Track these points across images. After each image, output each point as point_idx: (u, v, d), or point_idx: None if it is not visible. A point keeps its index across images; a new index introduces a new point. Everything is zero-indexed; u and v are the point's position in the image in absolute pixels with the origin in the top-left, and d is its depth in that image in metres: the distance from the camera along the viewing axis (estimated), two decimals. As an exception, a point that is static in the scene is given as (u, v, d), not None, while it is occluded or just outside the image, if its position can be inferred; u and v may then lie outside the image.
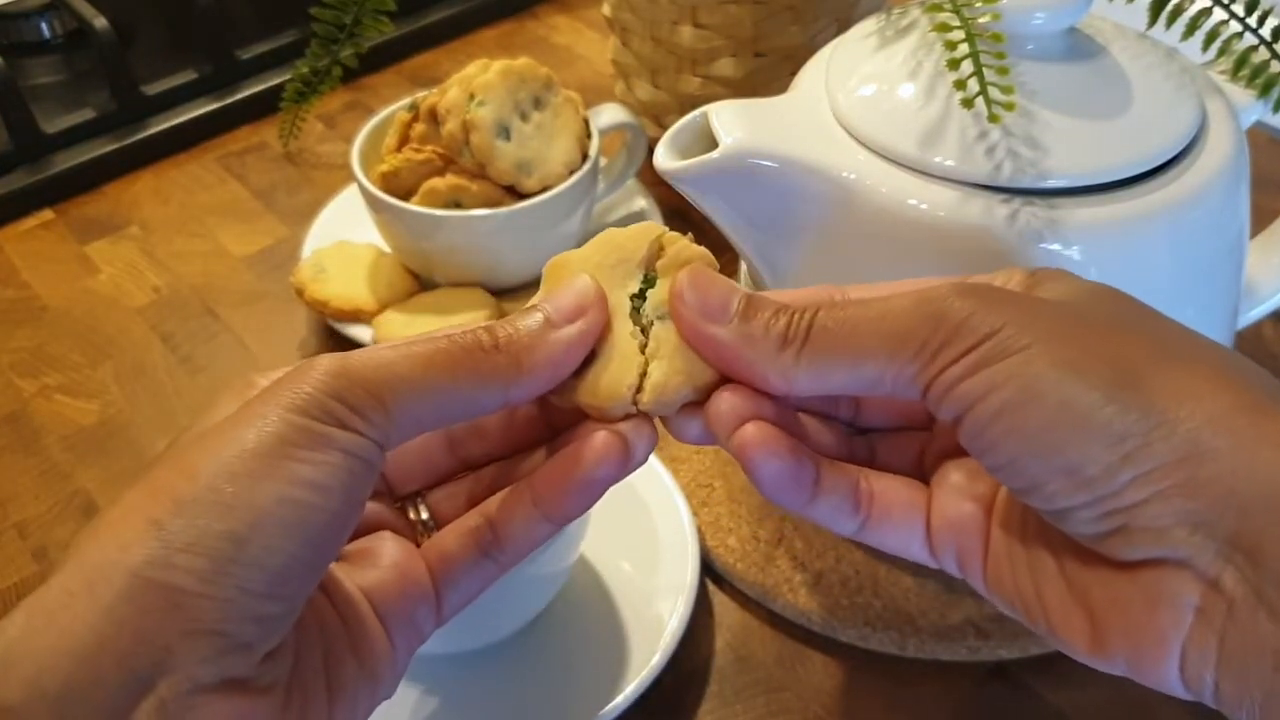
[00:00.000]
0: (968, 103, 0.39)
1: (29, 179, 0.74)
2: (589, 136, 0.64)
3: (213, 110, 0.80)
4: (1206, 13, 0.46)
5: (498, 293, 0.63)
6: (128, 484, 0.26)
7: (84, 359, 0.64)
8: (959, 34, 0.41)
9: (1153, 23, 0.47)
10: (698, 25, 0.66)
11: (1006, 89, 0.39)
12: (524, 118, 0.61)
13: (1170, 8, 0.47)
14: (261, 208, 0.75)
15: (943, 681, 0.47)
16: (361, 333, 0.61)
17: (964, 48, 0.40)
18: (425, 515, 0.33)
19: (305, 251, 0.66)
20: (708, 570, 0.51)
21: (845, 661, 0.48)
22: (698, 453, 0.55)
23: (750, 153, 0.40)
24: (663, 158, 0.42)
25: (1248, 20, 0.46)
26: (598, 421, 0.31)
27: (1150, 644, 0.26)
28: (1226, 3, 0.46)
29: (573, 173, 0.62)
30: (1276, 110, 0.45)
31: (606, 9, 0.71)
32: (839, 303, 0.29)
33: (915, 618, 0.47)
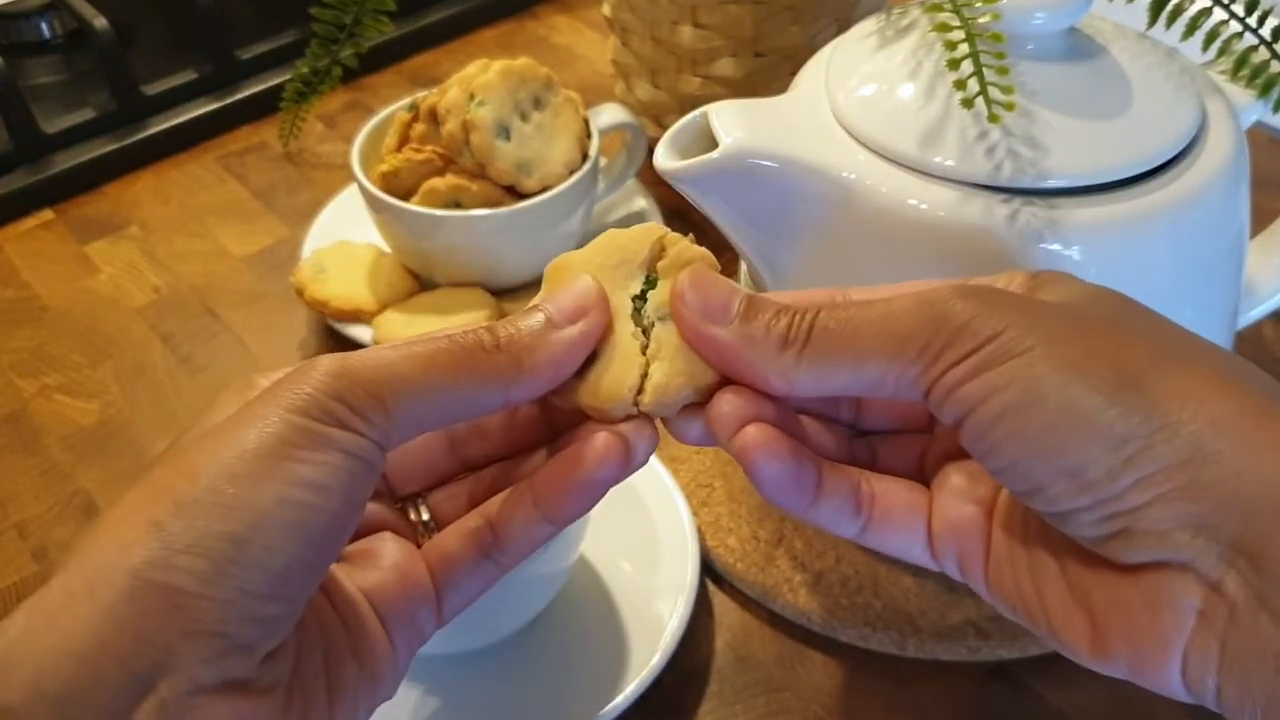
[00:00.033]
0: (968, 103, 0.39)
1: (29, 179, 0.74)
2: (589, 136, 0.64)
3: (213, 110, 0.80)
4: (1206, 13, 0.46)
5: (498, 293, 0.63)
6: (128, 484, 0.26)
7: (84, 359, 0.64)
8: (959, 34, 0.41)
9: (1153, 23, 0.47)
10: (698, 25, 0.66)
11: (1006, 89, 0.39)
12: (524, 118, 0.61)
13: (1170, 8, 0.47)
14: (261, 208, 0.75)
15: (943, 681, 0.47)
16: (361, 333, 0.61)
17: (964, 48, 0.40)
18: (426, 516, 0.33)
19: (305, 251, 0.66)
20: (708, 570, 0.51)
21: (845, 661, 0.48)
22: (698, 453, 0.55)
23: (750, 153, 0.40)
24: (663, 158, 0.42)
25: (1248, 20, 0.46)
26: (598, 422, 0.31)
27: (1152, 647, 0.26)
28: (1226, 3, 0.46)
29: (573, 173, 0.62)
30: (1276, 110, 0.45)
31: (606, 9, 0.71)
32: (840, 304, 0.29)
33: (915, 618, 0.47)
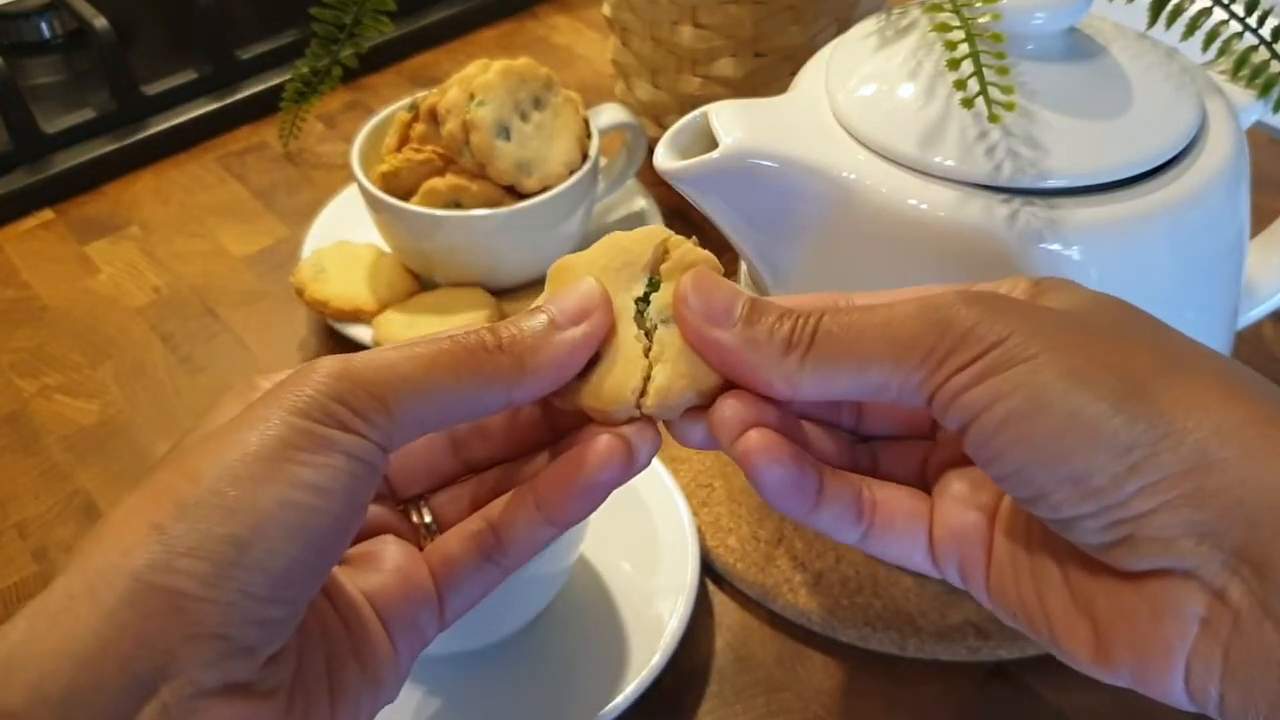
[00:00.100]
0: (968, 103, 0.39)
1: (29, 179, 0.74)
2: (589, 136, 0.64)
3: (213, 110, 0.80)
4: (1206, 13, 0.46)
5: (498, 293, 0.63)
6: (128, 484, 0.26)
7: (84, 359, 0.64)
8: (959, 34, 0.41)
9: (1153, 23, 0.47)
10: (698, 25, 0.66)
11: (1006, 89, 0.39)
12: (524, 118, 0.61)
13: (1170, 8, 0.47)
14: (261, 208, 0.75)
15: (943, 681, 0.47)
16: (361, 333, 0.61)
17: (964, 48, 0.40)
18: (428, 518, 0.33)
19: (305, 251, 0.66)
20: (708, 570, 0.51)
21: (845, 661, 0.48)
22: (698, 453, 0.55)
23: (750, 153, 0.40)
24: (663, 158, 0.42)
25: (1248, 20, 0.46)
26: (601, 425, 0.31)
27: (1155, 655, 0.26)
28: (1226, 3, 0.46)
29: (573, 173, 0.62)
30: (1276, 110, 0.45)
31: (606, 9, 0.71)
32: (843, 308, 0.29)
33: (915, 618, 0.47)
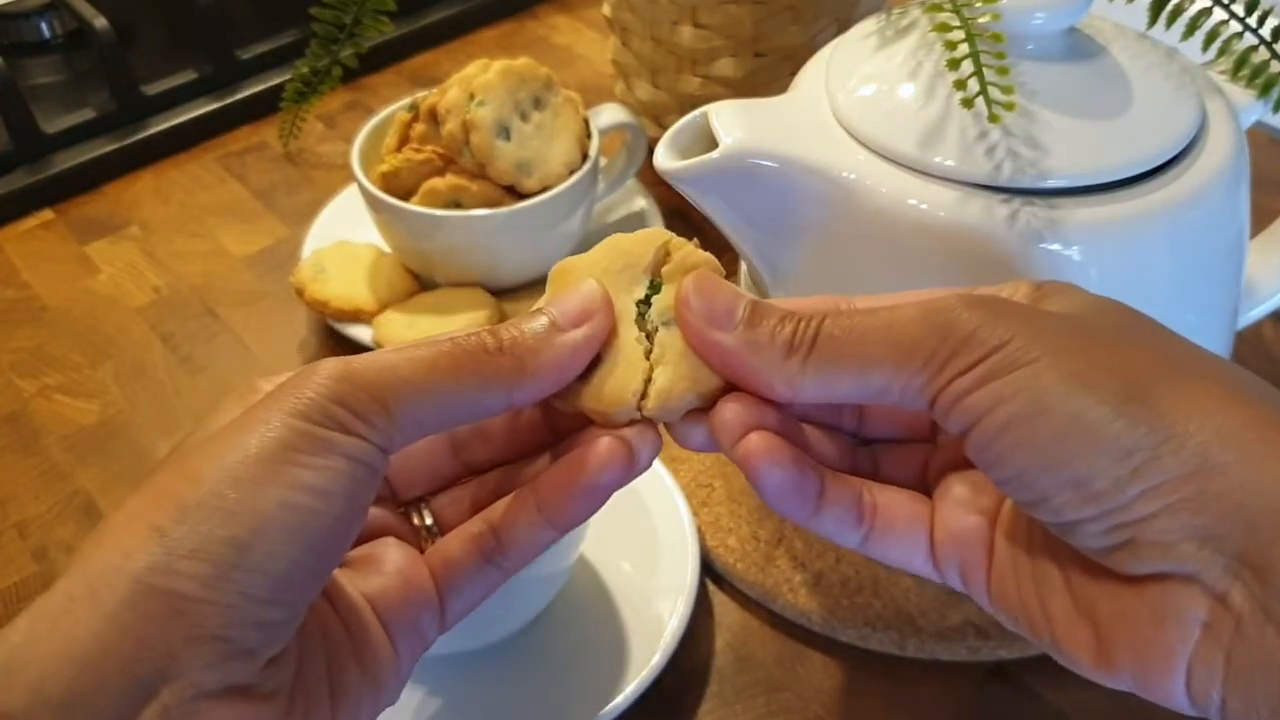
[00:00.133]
0: (968, 103, 0.39)
1: (29, 179, 0.74)
2: (589, 136, 0.64)
3: (213, 110, 0.80)
4: (1206, 13, 0.46)
5: (498, 293, 0.63)
6: (128, 484, 0.26)
7: (84, 359, 0.64)
8: (959, 34, 0.41)
9: (1153, 23, 0.47)
10: (698, 25, 0.66)
11: (1006, 89, 0.39)
12: (524, 118, 0.61)
13: (1170, 8, 0.47)
14: (261, 208, 0.75)
15: (943, 681, 0.47)
16: (361, 333, 0.61)
17: (964, 48, 0.40)
18: (429, 521, 0.33)
19: (305, 251, 0.66)
20: (708, 570, 0.51)
21: (845, 661, 0.48)
22: (698, 453, 0.55)
23: (750, 153, 0.40)
24: (663, 158, 0.42)
25: (1248, 20, 0.46)
26: (602, 427, 0.31)
27: (1156, 659, 0.26)
28: (1226, 3, 0.46)
29: (573, 173, 0.62)
30: (1276, 110, 0.45)
31: (606, 9, 0.71)
32: (845, 311, 0.29)
33: (915, 618, 0.47)
